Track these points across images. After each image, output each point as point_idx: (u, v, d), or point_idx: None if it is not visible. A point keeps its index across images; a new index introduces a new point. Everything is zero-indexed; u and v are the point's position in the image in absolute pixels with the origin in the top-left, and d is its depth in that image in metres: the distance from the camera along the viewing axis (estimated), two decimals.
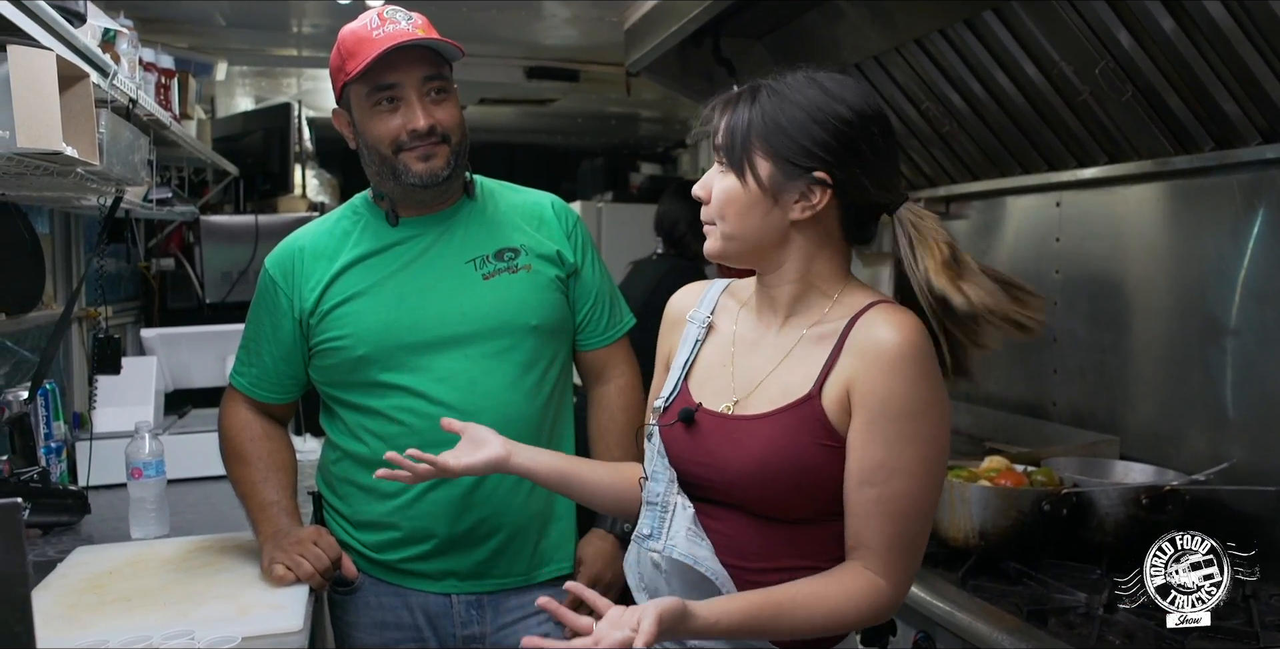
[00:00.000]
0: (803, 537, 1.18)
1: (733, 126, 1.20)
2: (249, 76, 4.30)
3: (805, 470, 1.14)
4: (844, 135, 1.15)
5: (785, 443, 1.16)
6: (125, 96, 1.98)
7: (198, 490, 2.31)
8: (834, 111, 1.16)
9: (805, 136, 1.15)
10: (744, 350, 1.27)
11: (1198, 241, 2.11)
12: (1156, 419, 2.21)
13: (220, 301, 3.45)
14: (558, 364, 1.73)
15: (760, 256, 1.23)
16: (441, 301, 1.65)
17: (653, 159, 6.12)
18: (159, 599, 1.50)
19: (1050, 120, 2.30)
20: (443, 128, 1.62)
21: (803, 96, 1.17)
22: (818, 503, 1.16)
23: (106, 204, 2.15)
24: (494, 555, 1.67)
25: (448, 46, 1.61)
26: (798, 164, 1.16)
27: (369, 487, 1.68)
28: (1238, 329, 2.00)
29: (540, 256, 1.71)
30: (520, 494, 1.67)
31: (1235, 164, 1.96)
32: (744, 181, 1.18)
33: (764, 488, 1.17)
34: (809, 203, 1.17)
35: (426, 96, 1.62)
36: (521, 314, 1.67)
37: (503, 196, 1.78)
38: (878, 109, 1.19)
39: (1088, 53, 2.03)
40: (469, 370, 1.64)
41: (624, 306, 1.84)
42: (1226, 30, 1.75)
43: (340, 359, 1.67)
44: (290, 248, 1.73)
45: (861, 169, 1.16)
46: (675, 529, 1.21)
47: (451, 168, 1.64)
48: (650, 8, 2.92)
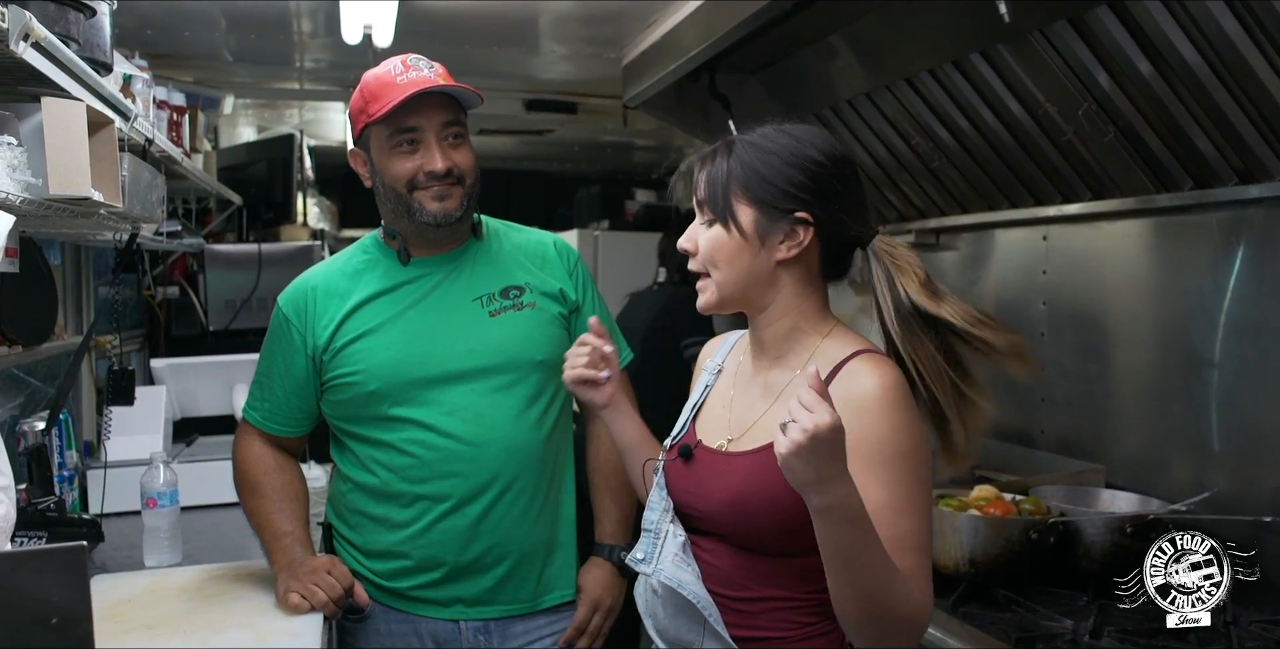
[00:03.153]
0: (782, 569, 1.24)
1: (712, 179, 1.28)
2: (251, 107, 4.37)
3: (780, 507, 1.19)
4: (819, 176, 1.24)
5: (762, 480, 1.21)
6: (142, 137, 2.04)
7: (207, 518, 2.35)
8: (807, 156, 1.25)
9: (783, 180, 1.24)
10: (741, 391, 1.36)
11: (1179, 276, 2.19)
12: (1141, 448, 2.28)
13: (224, 329, 3.49)
14: (560, 397, 1.79)
15: (751, 300, 1.30)
16: (450, 338, 1.72)
17: (647, 185, 6.20)
18: (179, 628, 1.54)
19: (1036, 157, 2.38)
20: (458, 170, 1.70)
21: (776, 144, 1.26)
22: (793, 538, 1.19)
23: (121, 239, 2.20)
24: (500, 582, 1.73)
25: (467, 94, 1.69)
26: (778, 207, 1.24)
27: (380, 517, 1.74)
28: (1219, 361, 2.06)
29: (544, 294, 1.78)
30: (527, 523, 1.74)
31: (1213, 203, 2.04)
32: (728, 229, 1.26)
33: (742, 521, 1.24)
34: (794, 242, 1.25)
35: (445, 140, 1.69)
36: (527, 350, 1.74)
37: (507, 236, 1.85)
38: (844, 152, 1.29)
39: (1071, 94, 2.11)
40: (476, 404, 1.71)
41: (622, 342, 1.90)
42: (1202, 76, 1.83)
43: (352, 394, 1.73)
44: (303, 287, 1.79)
45: (838, 206, 1.25)
46: (665, 555, 1.29)
47: (464, 209, 1.72)
48: (649, 46, 3.00)
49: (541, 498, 1.75)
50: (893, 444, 1.17)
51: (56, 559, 0.69)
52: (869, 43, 2.60)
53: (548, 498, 1.76)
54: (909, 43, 2.46)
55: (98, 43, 1.59)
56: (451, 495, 1.69)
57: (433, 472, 1.69)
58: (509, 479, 1.71)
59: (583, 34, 3.11)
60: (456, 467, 1.69)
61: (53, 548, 0.72)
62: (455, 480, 1.69)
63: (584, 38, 3.16)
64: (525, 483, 1.72)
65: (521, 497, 1.72)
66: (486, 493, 1.70)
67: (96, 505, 2.29)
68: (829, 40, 2.69)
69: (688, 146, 5.43)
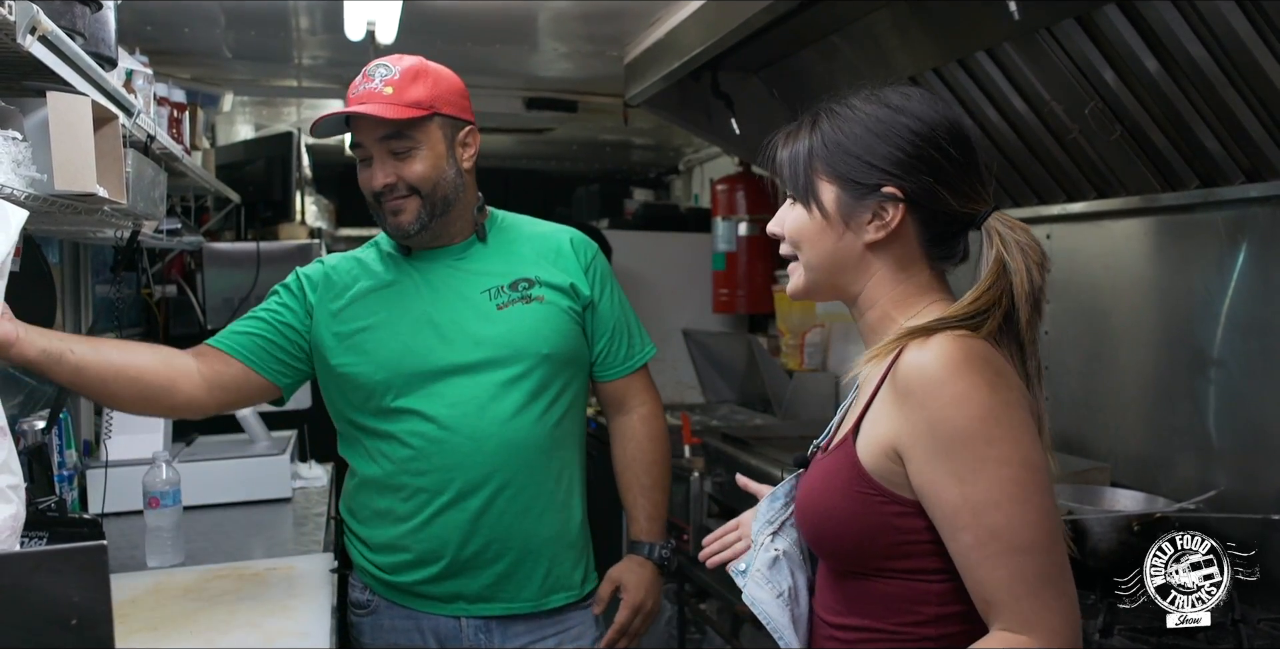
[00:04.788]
0: (865, 593, 1.11)
1: (794, 155, 1.16)
2: (249, 105, 4.34)
3: (833, 516, 1.10)
4: (912, 146, 1.10)
5: (820, 486, 1.13)
6: (144, 133, 2.02)
7: (207, 518, 2.34)
8: (899, 123, 1.10)
9: (869, 152, 1.10)
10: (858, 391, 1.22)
11: (1184, 275, 2.18)
12: (1146, 447, 2.27)
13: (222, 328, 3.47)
14: (569, 393, 1.78)
15: (840, 287, 1.17)
16: (456, 330, 1.72)
17: (645, 184, 6.19)
18: (185, 628, 1.53)
19: (1040, 156, 2.37)
20: (406, 182, 1.68)
21: (864, 113, 1.12)
22: (855, 553, 1.09)
23: (122, 236, 2.19)
24: (501, 579, 1.72)
25: (392, 110, 1.64)
26: (864, 182, 1.11)
27: (384, 510, 1.74)
28: (1223, 360, 2.06)
29: (554, 288, 1.77)
30: (529, 519, 1.72)
31: (1219, 202, 2.04)
32: (810, 209, 1.14)
33: (807, 531, 1.16)
34: (882, 221, 1.11)
35: (391, 154, 1.68)
36: (534, 343, 1.73)
37: (521, 229, 1.85)
38: (949, 117, 1.13)
39: (1077, 92, 2.10)
40: (479, 397, 1.70)
41: (644, 337, 1.89)
42: (1210, 74, 1.83)
43: (357, 384, 1.73)
44: (321, 265, 1.82)
45: (936, 179, 1.10)
46: (755, 569, 1.22)
47: (424, 220, 1.70)
48: (651, 44, 2.99)
49: (546, 495, 1.73)
50: (949, 425, 1.00)
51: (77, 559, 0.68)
52: (872, 42, 2.59)
53: (554, 495, 1.75)
54: (914, 42, 2.45)
55: (102, 37, 1.58)
56: (450, 488, 1.69)
57: (432, 464, 1.69)
58: (510, 474, 1.70)
59: (584, 32, 3.10)
60: (456, 459, 1.68)
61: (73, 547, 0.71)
62: (455, 473, 1.69)
63: (585, 36, 3.15)
64: (527, 478, 1.71)
65: (523, 492, 1.71)
66: (486, 487, 1.69)
67: (95, 505, 2.27)
68: (831, 39, 2.68)
69: (686, 145, 5.42)
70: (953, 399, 1.01)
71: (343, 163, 5.92)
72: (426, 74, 1.70)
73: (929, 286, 1.16)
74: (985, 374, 1.02)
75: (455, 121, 1.73)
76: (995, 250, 1.10)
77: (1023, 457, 1.01)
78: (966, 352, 1.03)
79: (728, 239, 4.24)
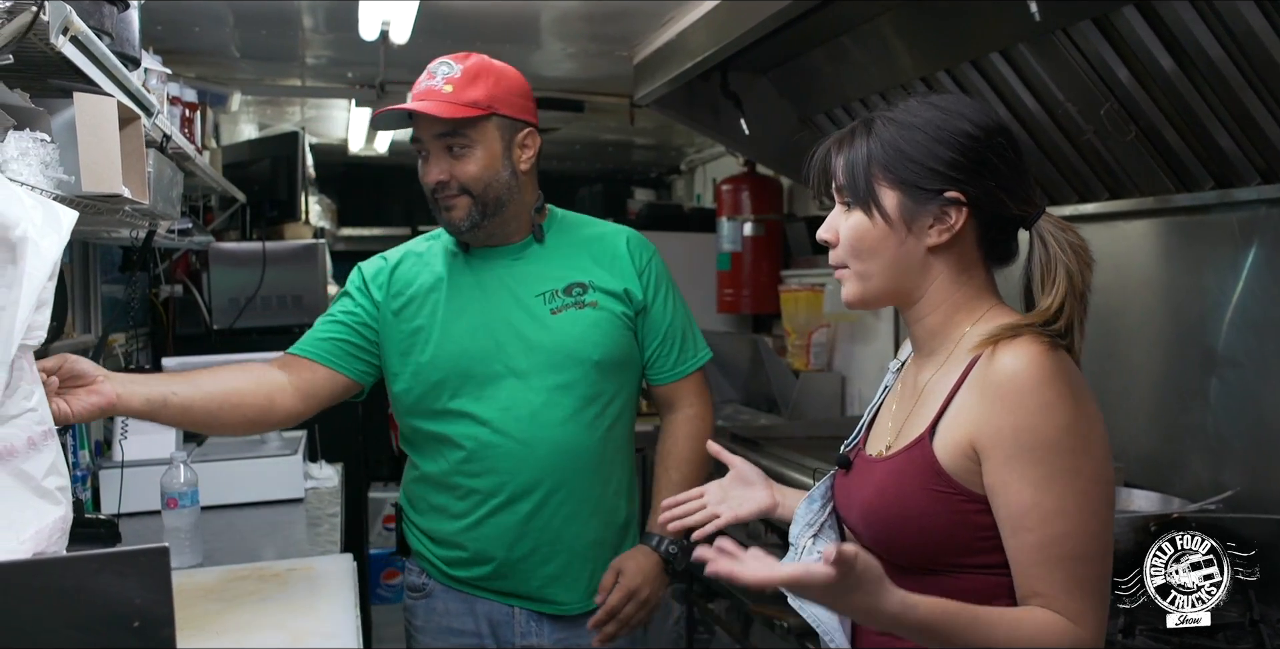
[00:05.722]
0: (927, 588, 1.08)
1: (852, 162, 1.16)
2: (252, 104, 4.34)
3: (909, 516, 1.11)
4: (971, 150, 1.12)
5: (891, 487, 1.14)
6: (160, 133, 2.02)
7: (221, 518, 2.33)
8: (957, 128, 1.12)
9: (931, 158, 1.12)
10: (904, 393, 1.24)
11: (1197, 276, 2.19)
12: (1158, 447, 2.28)
13: (228, 328, 3.47)
14: (620, 398, 1.79)
15: (901, 292, 1.18)
16: (510, 334, 1.73)
17: (646, 184, 6.19)
18: (211, 630, 1.53)
19: (1053, 156, 2.38)
20: (459, 181, 1.69)
21: (921, 119, 1.14)
22: (930, 550, 1.11)
23: (138, 236, 2.18)
24: (549, 582, 1.74)
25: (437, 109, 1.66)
26: (926, 188, 1.12)
27: (440, 506, 1.77)
28: (1237, 360, 2.07)
29: (608, 293, 1.77)
30: (577, 523, 1.74)
31: (1234, 203, 2.04)
32: (871, 216, 1.14)
33: (875, 532, 1.16)
34: (945, 225, 1.13)
35: (447, 151, 1.69)
36: (584, 349, 1.73)
37: (578, 230, 1.84)
38: (1000, 121, 1.16)
39: (1092, 93, 2.10)
40: (531, 402, 1.71)
41: (697, 342, 1.88)
42: (1227, 74, 1.83)
43: (413, 385, 1.75)
44: (384, 262, 1.84)
45: (995, 182, 1.12)
46: None
47: (475, 219, 1.71)
48: (661, 44, 2.99)
49: (594, 499, 1.74)
50: (1033, 433, 1.04)
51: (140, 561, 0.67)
52: (881, 42, 2.59)
53: (601, 499, 1.76)
54: (924, 43, 2.45)
55: (127, 37, 1.57)
56: (502, 491, 1.71)
57: (484, 467, 1.71)
58: (560, 479, 1.71)
59: (593, 32, 3.10)
60: (508, 464, 1.70)
61: (136, 550, 0.71)
62: (507, 477, 1.71)
63: (595, 36, 3.15)
64: (577, 484, 1.72)
65: (573, 497, 1.72)
66: (536, 491, 1.70)
67: (108, 506, 2.27)
68: (841, 40, 2.69)
69: (688, 145, 5.43)
70: (1040, 407, 1.04)
71: (344, 163, 5.91)
72: (488, 74, 1.70)
73: (986, 289, 1.19)
74: (1072, 385, 1.06)
75: (514, 122, 1.73)
76: (1052, 251, 1.12)
77: (1095, 470, 1.06)
78: (1056, 361, 1.06)
79: (733, 239, 4.24)
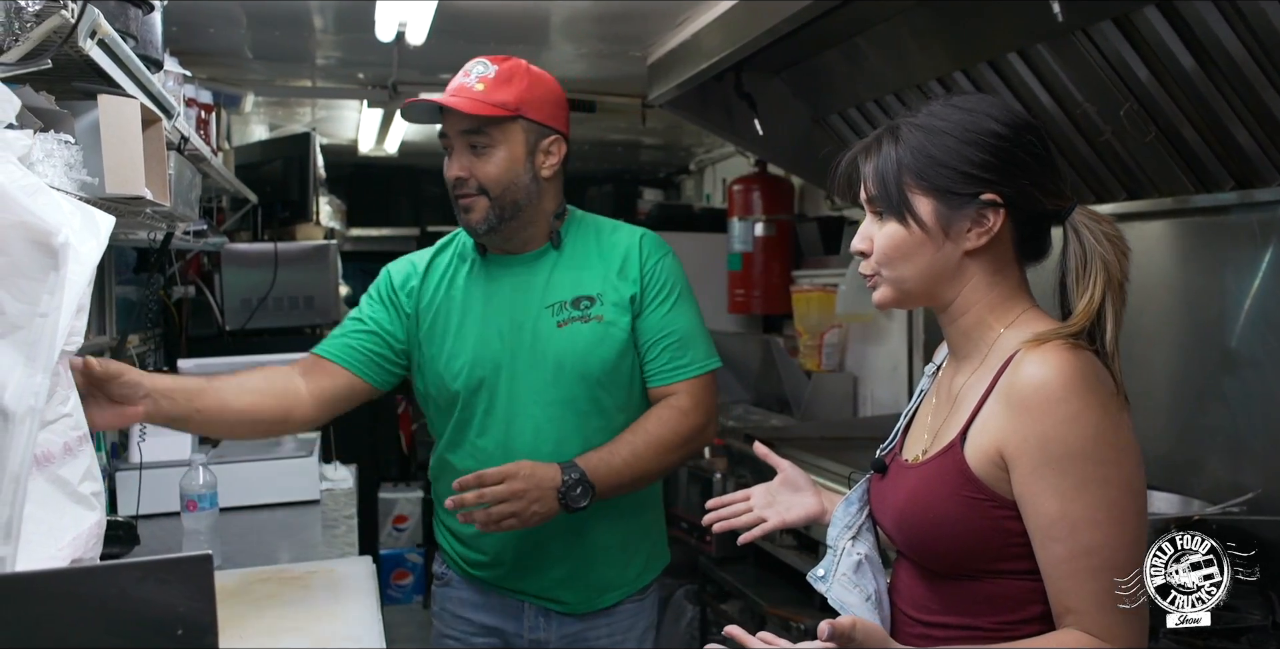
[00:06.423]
0: (964, 593, 1.12)
1: (882, 171, 1.14)
2: (263, 106, 4.33)
3: (942, 522, 1.10)
4: (1002, 150, 1.10)
5: (924, 493, 1.14)
6: (179, 135, 2.02)
7: (238, 521, 2.33)
8: (985, 128, 1.11)
9: (962, 161, 1.10)
10: (940, 398, 1.23)
11: (1216, 276, 2.18)
12: (1176, 448, 2.27)
13: (240, 329, 3.47)
14: (625, 412, 1.77)
15: (935, 296, 1.17)
16: (518, 346, 1.73)
17: (655, 184, 6.19)
18: (234, 634, 1.52)
19: (1070, 157, 2.36)
20: (477, 180, 1.69)
21: (948, 122, 1.12)
22: (963, 556, 1.11)
23: (156, 238, 2.18)
24: (558, 585, 1.77)
25: (462, 104, 1.66)
26: (961, 192, 1.11)
27: None
28: (1256, 361, 2.06)
29: (615, 305, 1.75)
30: (583, 531, 1.76)
31: (1254, 203, 2.04)
32: (907, 225, 1.13)
33: (910, 538, 1.16)
34: (983, 228, 1.12)
35: (470, 149, 1.69)
36: (586, 363, 1.72)
37: (596, 235, 1.82)
38: (1026, 117, 1.14)
39: (1111, 93, 2.10)
40: (536, 416, 1.72)
41: (700, 350, 1.79)
42: (1249, 73, 1.82)
43: (432, 387, 1.79)
44: (410, 265, 1.84)
45: (1029, 180, 1.11)
46: (839, 573, 1.22)
47: (492, 221, 1.71)
48: (676, 45, 2.99)
49: (599, 508, 1.71)
50: (1062, 442, 1.02)
51: (183, 569, 0.67)
52: (895, 43, 2.58)
53: (608, 506, 1.75)
54: (938, 44, 2.44)
55: (151, 39, 1.57)
56: None
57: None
58: None
59: (607, 33, 3.09)
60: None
61: (180, 557, 0.70)
62: None
63: (608, 36, 3.14)
64: None
65: None
66: None
67: (125, 508, 2.27)
68: (855, 40, 2.68)
69: (697, 145, 5.42)
70: (1067, 417, 1.03)
71: (353, 163, 5.91)
72: (522, 77, 1.70)
73: (1019, 289, 1.18)
74: (1099, 393, 1.05)
75: (541, 128, 1.72)
76: (1088, 243, 1.11)
77: (1125, 479, 1.04)
78: (1083, 368, 1.05)
79: (744, 239, 4.23)
